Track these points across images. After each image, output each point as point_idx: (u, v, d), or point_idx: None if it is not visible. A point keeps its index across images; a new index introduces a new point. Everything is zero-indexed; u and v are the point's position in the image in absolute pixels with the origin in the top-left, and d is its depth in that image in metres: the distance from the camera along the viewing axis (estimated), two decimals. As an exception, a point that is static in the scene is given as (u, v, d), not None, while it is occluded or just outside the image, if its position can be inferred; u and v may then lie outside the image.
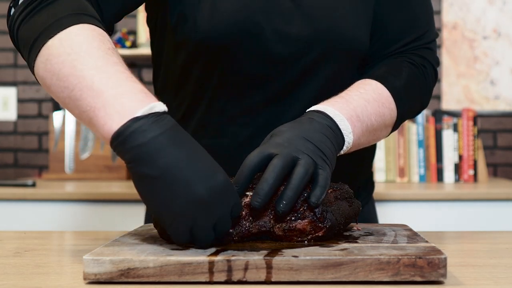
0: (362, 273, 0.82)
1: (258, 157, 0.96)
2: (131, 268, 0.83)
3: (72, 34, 0.97)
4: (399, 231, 1.04)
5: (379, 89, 1.20)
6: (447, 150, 2.94)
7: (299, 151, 0.97)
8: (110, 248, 0.89)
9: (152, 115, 0.89)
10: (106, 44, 0.97)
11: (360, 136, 1.13)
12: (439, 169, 2.94)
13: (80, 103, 0.92)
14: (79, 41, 0.96)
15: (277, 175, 0.93)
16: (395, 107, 1.21)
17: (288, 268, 0.82)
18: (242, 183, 0.95)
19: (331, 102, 1.11)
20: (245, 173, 0.95)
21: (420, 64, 1.28)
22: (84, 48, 0.95)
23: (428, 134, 2.96)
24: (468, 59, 3.31)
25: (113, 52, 0.97)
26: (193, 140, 0.92)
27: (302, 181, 0.94)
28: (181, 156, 0.87)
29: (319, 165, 0.97)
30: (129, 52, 3.15)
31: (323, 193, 0.94)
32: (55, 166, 3.11)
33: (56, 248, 1.18)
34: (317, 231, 0.94)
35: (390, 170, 2.96)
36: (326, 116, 1.07)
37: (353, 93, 1.16)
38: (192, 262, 0.83)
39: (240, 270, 0.83)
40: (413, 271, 0.82)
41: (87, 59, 0.93)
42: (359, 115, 1.12)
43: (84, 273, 0.83)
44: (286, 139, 1.00)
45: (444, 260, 0.83)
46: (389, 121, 1.22)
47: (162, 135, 0.88)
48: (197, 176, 0.87)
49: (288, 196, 0.92)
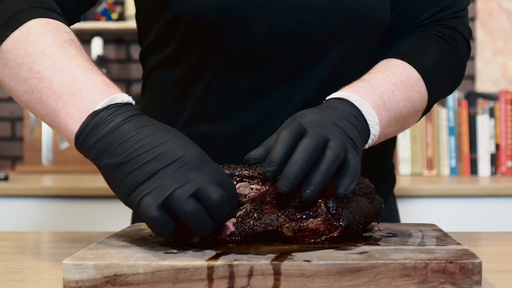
0: (384, 280, 0.82)
1: (292, 131, 0.95)
2: (118, 274, 0.83)
3: (25, 33, 1.02)
4: (426, 232, 1.04)
5: (406, 70, 1.20)
6: (482, 138, 2.93)
7: (330, 132, 0.97)
8: (94, 251, 0.89)
9: (113, 106, 0.93)
10: (62, 37, 1.02)
11: (387, 126, 1.13)
12: (472, 160, 2.94)
13: (42, 106, 0.98)
14: (33, 40, 1.01)
15: (309, 156, 0.92)
16: (426, 90, 1.22)
17: (299, 275, 0.82)
18: (279, 162, 0.92)
19: (354, 88, 1.11)
20: (279, 150, 0.93)
21: (450, 38, 1.28)
22: (39, 47, 1.00)
23: (460, 120, 2.95)
24: (506, 33, 3.30)
25: (71, 44, 1.02)
26: (160, 124, 0.94)
27: (333, 166, 0.93)
28: (144, 139, 0.90)
29: (349, 151, 0.97)
30: (115, 25, 3.15)
31: (352, 184, 0.94)
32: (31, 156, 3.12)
33: (31, 251, 1.18)
34: (332, 231, 0.95)
35: (417, 161, 2.96)
36: (350, 104, 1.07)
37: (378, 76, 1.16)
38: (189, 267, 0.83)
39: (243, 276, 0.83)
40: (443, 278, 0.82)
41: (43, 59, 0.99)
42: (386, 102, 1.12)
43: (64, 280, 0.83)
44: (315, 120, 0.99)
45: (478, 265, 0.83)
46: (419, 106, 1.22)
47: (124, 122, 0.92)
48: (164, 153, 0.89)
49: (316, 181, 0.92)
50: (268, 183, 0.95)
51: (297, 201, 0.95)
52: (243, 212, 0.95)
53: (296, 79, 1.24)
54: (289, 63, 1.23)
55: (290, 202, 0.95)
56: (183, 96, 1.29)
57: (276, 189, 0.94)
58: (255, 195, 0.95)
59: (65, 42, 1.01)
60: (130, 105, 0.95)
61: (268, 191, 0.95)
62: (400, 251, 0.89)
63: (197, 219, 0.88)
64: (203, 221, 0.88)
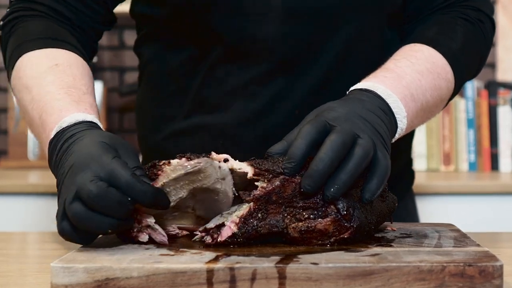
0: (398, 284, 0.82)
1: (315, 127, 0.95)
2: (110, 278, 0.83)
3: (18, 68, 1.20)
4: (443, 232, 1.04)
5: (433, 57, 1.20)
6: (503, 131, 2.93)
7: (359, 128, 0.97)
8: (85, 253, 0.90)
9: (60, 132, 1.03)
10: (45, 65, 1.17)
11: (414, 118, 1.14)
12: (493, 155, 2.94)
13: (39, 141, 1.16)
14: (21, 76, 1.18)
15: (336, 154, 0.92)
16: (453, 77, 1.22)
17: (305, 278, 0.82)
18: (299, 158, 0.93)
19: (379, 78, 1.12)
20: (301, 146, 0.94)
21: (476, 19, 1.28)
22: (24, 83, 1.17)
23: (480, 111, 2.95)
24: (530, 17, 3.29)
25: (51, 71, 1.16)
26: (89, 133, 1.00)
27: (361, 165, 0.94)
28: (70, 156, 0.97)
29: (379, 149, 0.97)
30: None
31: (381, 187, 0.95)
32: (16, 151, 3.12)
33: (17, 253, 1.18)
34: (342, 232, 0.95)
35: (433, 156, 2.96)
36: (376, 96, 1.07)
37: (403, 63, 1.16)
38: (187, 270, 0.83)
39: (246, 280, 0.83)
40: (461, 282, 0.82)
41: (26, 94, 1.16)
42: (413, 93, 1.13)
43: (52, 284, 0.83)
44: (341, 114, 0.99)
45: (499, 268, 0.83)
46: (446, 94, 1.23)
47: (64, 145, 1.00)
48: (67, 165, 0.96)
49: (342, 180, 0.92)
50: (274, 181, 0.95)
51: (304, 200, 0.95)
52: (246, 212, 0.95)
53: (301, 65, 1.24)
54: (292, 47, 1.23)
55: (297, 202, 0.95)
56: (182, 87, 1.29)
57: (282, 188, 0.94)
58: (260, 194, 0.95)
59: (44, 72, 1.16)
60: (77, 124, 1.03)
61: (274, 189, 0.95)
62: (415, 253, 0.89)
63: (84, 220, 0.90)
64: (90, 219, 0.89)
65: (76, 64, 1.19)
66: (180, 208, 0.99)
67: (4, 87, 3.37)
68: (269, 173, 0.95)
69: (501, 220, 2.53)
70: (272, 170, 0.95)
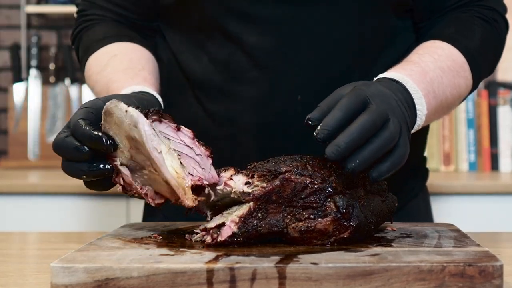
0: (398, 284, 0.82)
1: (354, 101, 0.95)
2: (110, 278, 0.83)
3: (89, 66, 1.36)
4: (443, 232, 1.04)
5: (453, 55, 1.22)
6: (503, 132, 2.93)
7: (392, 110, 0.98)
8: (85, 253, 0.90)
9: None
10: (108, 55, 1.33)
11: (432, 114, 1.15)
12: (493, 155, 2.94)
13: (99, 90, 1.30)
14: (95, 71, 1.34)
15: (365, 132, 0.93)
16: (471, 75, 1.24)
17: (305, 278, 0.82)
18: (333, 128, 0.93)
19: (407, 70, 1.13)
20: (337, 116, 0.94)
21: (492, 19, 1.30)
22: (97, 77, 1.32)
23: (480, 111, 2.95)
24: (530, 17, 3.29)
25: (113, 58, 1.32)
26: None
27: (385, 148, 0.94)
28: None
29: (402, 137, 0.98)
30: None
31: (390, 172, 0.95)
32: (16, 151, 3.12)
33: (17, 253, 1.18)
34: (341, 231, 0.95)
35: (433, 156, 2.96)
36: (403, 88, 1.08)
37: (427, 58, 1.18)
38: (187, 270, 0.83)
39: (246, 280, 0.83)
40: (461, 282, 0.82)
41: (100, 84, 1.30)
42: (436, 89, 1.14)
43: (52, 284, 0.84)
44: (380, 92, 1.00)
45: (499, 268, 0.83)
46: (464, 92, 1.24)
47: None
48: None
49: (365, 157, 0.93)
50: (274, 181, 0.95)
51: (304, 199, 0.95)
52: (246, 212, 0.95)
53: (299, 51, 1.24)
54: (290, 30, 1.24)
55: (297, 201, 0.95)
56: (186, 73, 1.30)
57: (282, 188, 0.94)
58: (260, 193, 0.95)
59: (105, 65, 1.31)
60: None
61: (274, 189, 0.95)
62: (415, 253, 0.89)
63: (64, 168, 0.99)
64: (66, 167, 0.99)
65: (133, 49, 1.34)
66: (139, 163, 0.98)
67: (4, 87, 3.37)
68: (270, 173, 0.95)
69: (501, 220, 2.53)
70: (274, 170, 0.95)
